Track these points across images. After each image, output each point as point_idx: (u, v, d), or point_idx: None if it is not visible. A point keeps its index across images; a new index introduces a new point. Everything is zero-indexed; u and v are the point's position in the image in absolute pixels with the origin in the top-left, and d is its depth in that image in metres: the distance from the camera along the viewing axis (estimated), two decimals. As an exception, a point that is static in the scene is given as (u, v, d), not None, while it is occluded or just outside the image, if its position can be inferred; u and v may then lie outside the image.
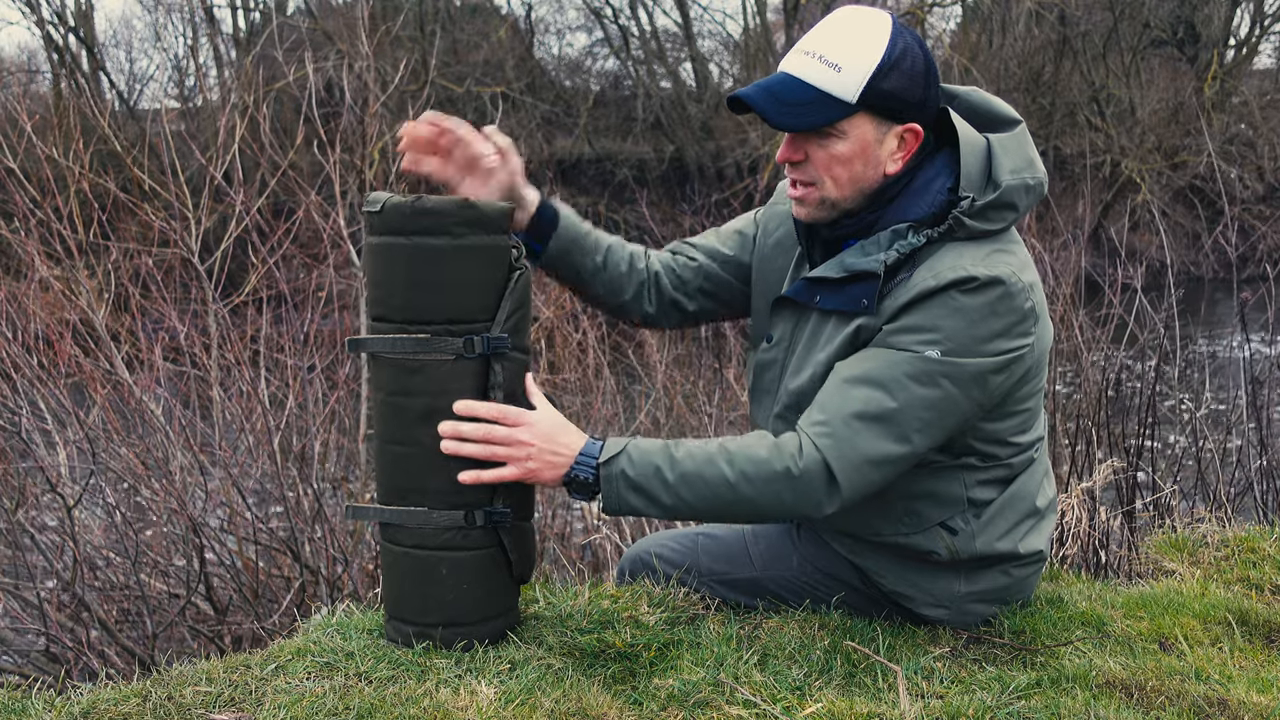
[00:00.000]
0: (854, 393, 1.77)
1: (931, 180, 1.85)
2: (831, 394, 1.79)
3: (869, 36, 1.77)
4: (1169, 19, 19.93)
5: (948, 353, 1.75)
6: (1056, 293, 5.07)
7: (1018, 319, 1.78)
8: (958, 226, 1.81)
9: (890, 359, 1.77)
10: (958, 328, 1.75)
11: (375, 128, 5.44)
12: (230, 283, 4.98)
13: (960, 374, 1.75)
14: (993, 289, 1.75)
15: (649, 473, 1.78)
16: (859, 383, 1.77)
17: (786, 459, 1.76)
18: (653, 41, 20.97)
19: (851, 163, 1.82)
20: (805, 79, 1.78)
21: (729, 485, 1.76)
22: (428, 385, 1.80)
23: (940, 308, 1.75)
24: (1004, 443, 1.91)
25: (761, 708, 1.70)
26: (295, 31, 14.85)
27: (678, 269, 2.15)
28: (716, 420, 5.41)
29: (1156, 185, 17.35)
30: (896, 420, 1.75)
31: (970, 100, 1.94)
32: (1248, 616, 2.15)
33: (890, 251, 1.81)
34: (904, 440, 1.77)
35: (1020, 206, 1.85)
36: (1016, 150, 1.86)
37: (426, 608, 1.89)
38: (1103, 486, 3.17)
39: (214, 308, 4.54)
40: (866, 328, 1.83)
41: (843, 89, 1.76)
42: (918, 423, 1.76)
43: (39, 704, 1.73)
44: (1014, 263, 1.81)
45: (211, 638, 3.73)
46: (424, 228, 1.77)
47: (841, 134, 1.80)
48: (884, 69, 1.76)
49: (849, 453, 1.75)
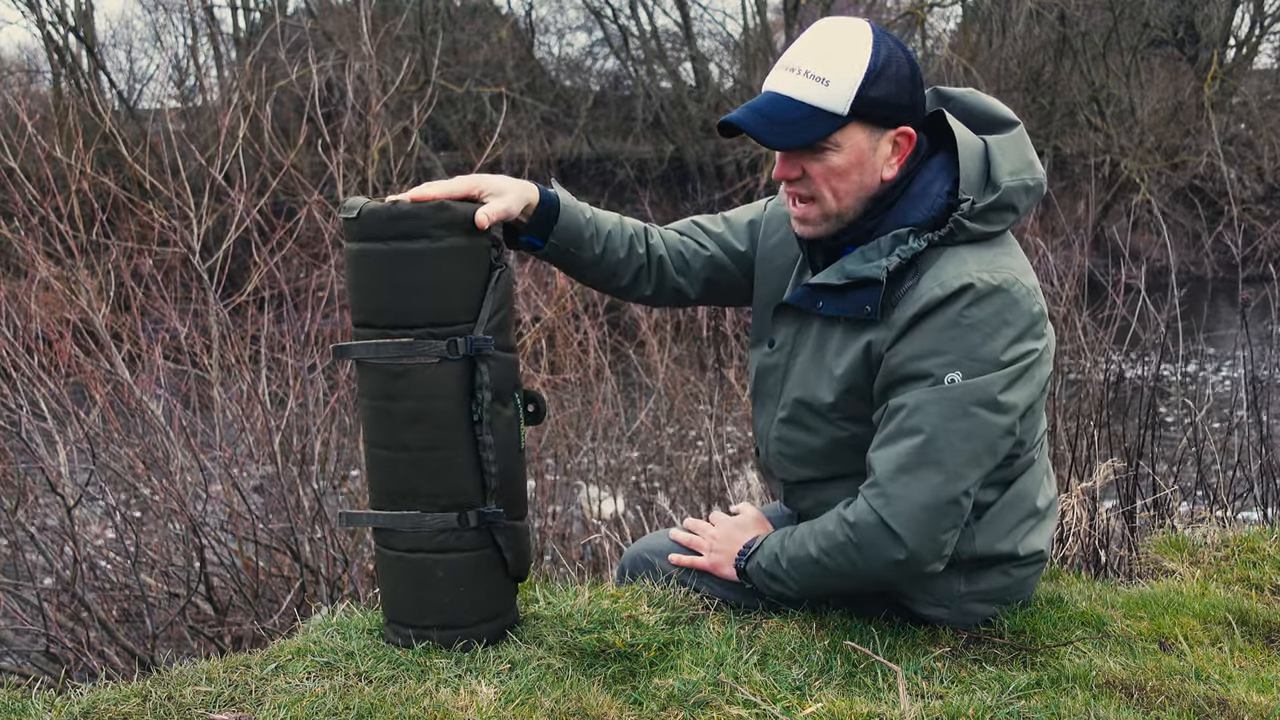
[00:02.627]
0: (895, 448, 1.78)
1: (930, 184, 1.85)
2: (877, 456, 1.81)
3: (852, 47, 1.77)
4: (1169, 19, 19.92)
5: (969, 374, 1.74)
6: (1059, 293, 5.07)
7: (1030, 322, 1.78)
8: (958, 230, 1.80)
9: (918, 400, 1.76)
10: (973, 344, 1.75)
11: (377, 128, 5.44)
12: (231, 282, 4.98)
13: (987, 396, 1.75)
14: (999, 297, 1.75)
15: (771, 560, 1.95)
16: (897, 435, 1.78)
17: (846, 527, 1.83)
18: (653, 41, 20.96)
19: (849, 174, 1.82)
20: (794, 96, 1.78)
21: (816, 562, 1.87)
22: (413, 389, 1.80)
23: (951, 327, 1.75)
24: None
25: (761, 708, 1.70)
26: (296, 31, 14.85)
27: (686, 254, 2.13)
28: (717, 420, 5.41)
29: (1156, 185, 17.34)
30: (940, 460, 1.75)
31: (967, 102, 1.93)
32: (1248, 616, 2.15)
33: (892, 257, 1.80)
34: (956, 478, 1.77)
35: (1020, 208, 1.85)
36: (1015, 152, 1.85)
37: (424, 610, 1.88)
38: (1103, 486, 3.17)
39: (215, 307, 4.53)
40: (877, 342, 1.82)
41: (833, 102, 1.76)
42: (963, 457, 1.76)
43: (39, 704, 1.73)
44: (1016, 267, 1.81)
45: (211, 638, 3.73)
46: (402, 232, 1.77)
47: (836, 146, 1.80)
48: (871, 77, 1.76)
49: (901, 506, 1.77)
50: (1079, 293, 5.24)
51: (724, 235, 2.14)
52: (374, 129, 5.44)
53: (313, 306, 4.83)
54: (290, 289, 4.86)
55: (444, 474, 1.83)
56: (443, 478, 1.83)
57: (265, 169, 5.23)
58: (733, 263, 2.13)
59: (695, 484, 5.21)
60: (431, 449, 1.83)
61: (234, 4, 19.07)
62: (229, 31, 19.16)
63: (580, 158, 19.84)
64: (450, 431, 1.82)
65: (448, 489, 1.84)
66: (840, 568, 1.84)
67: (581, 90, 21.26)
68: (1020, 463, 1.94)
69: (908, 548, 1.77)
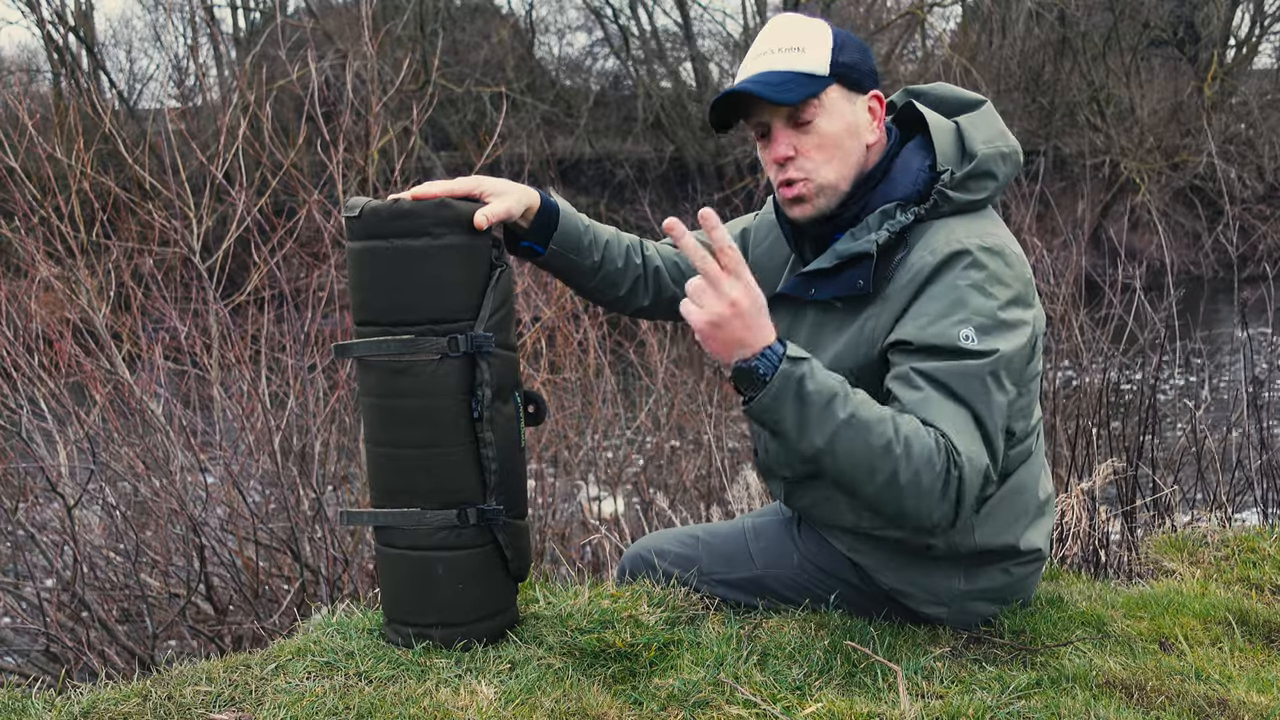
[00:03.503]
0: (949, 408, 1.70)
1: (910, 161, 1.91)
2: (931, 409, 1.70)
3: (811, 24, 1.88)
4: (1169, 19, 19.93)
5: (980, 329, 1.73)
6: (1056, 293, 5.07)
7: (1022, 287, 1.81)
8: (943, 201, 1.85)
9: (948, 371, 1.72)
10: (976, 302, 1.75)
11: (377, 127, 5.44)
12: (231, 282, 4.98)
13: (1012, 361, 1.74)
14: (992, 258, 1.78)
15: (825, 396, 1.64)
16: (940, 403, 1.71)
17: (948, 461, 1.66)
18: (653, 41, 20.97)
19: (840, 140, 1.87)
20: (778, 68, 1.85)
21: (889, 455, 1.63)
22: (414, 386, 1.81)
23: (952, 287, 1.76)
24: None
25: (761, 708, 1.70)
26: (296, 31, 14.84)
27: (681, 265, 2.17)
28: (717, 420, 5.41)
29: (1156, 185, 17.34)
30: (989, 433, 1.72)
31: (937, 93, 2.02)
32: (1248, 616, 2.15)
33: (881, 232, 1.84)
34: (995, 454, 1.73)
35: (999, 174, 1.90)
36: (985, 124, 1.93)
37: (424, 609, 1.89)
38: (1103, 486, 3.17)
39: (215, 307, 4.53)
40: (874, 319, 1.83)
41: (814, 64, 1.84)
42: (995, 427, 1.73)
43: (39, 704, 1.73)
44: (1003, 235, 1.86)
45: (211, 637, 3.73)
46: (403, 230, 1.78)
47: (824, 110, 1.85)
48: (839, 44, 1.86)
49: (969, 472, 1.68)
50: (1077, 292, 5.24)
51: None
52: (374, 129, 5.44)
53: (313, 306, 4.83)
54: (290, 289, 4.85)
55: (444, 471, 1.84)
56: (443, 475, 1.84)
57: (265, 169, 5.23)
58: None
59: (695, 484, 5.21)
60: (432, 446, 1.83)
61: (234, 4, 19.10)
62: (229, 31, 19.18)
63: (580, 158, 19.85)
64: (450, 428, 1.83)
65: (448, 486, 1.84)
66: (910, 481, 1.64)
67: (581, 90, 21.27)
68: (1018, 452, 1.94)
69: (964, 508, 1.69)
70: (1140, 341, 4.65)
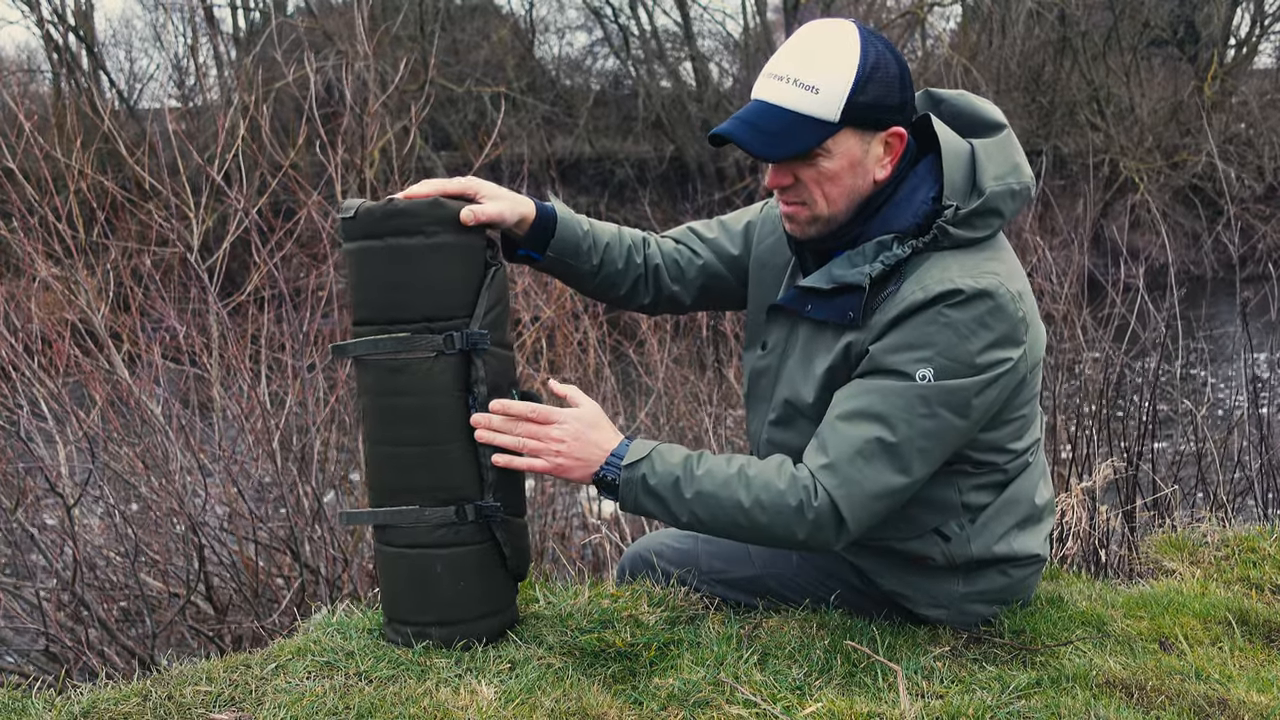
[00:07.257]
0: (855, 430, 1.76)
1: (915, 189, 1.84)
2: (833, 430, 1.78)
3: (840, 52, 1.74)
4: (1169, 19, 19.92)
5: (940, 372, 1.73)
6: (1058, 293, 5.07)
7: (1009, 328, 1.76)
8: (942, 236, 1.79)
9: (886, 390, 1.75)
10: (948, 343, 1.73)
11: (376, 128, 5.43)
12: (230, 282, 4.98)
13: (956, 399, 1.75)
14: (981, 302, 1.74)
15: (668, 483, 1.80)
16: (859, 418, 1.76)
17: (801, 494, 1.76)
18: (653, 41, 20.95)
19: (841, 178, 1.81)
20: (783, 105, 1.76)
21: (743, 510, 1.78)
22: (411, 384, 1.82)
23: (929, 324, 1.74)
24: (999, 449, 1.90)
25: (761, 707, 1.70)
26: (295, 31, 14.84)
27: (681, 262, 2.14)
28: (716, 420, 5.41)
29: (1155, 185, 17.33)
30: (898, 453, 1.75)
31: (957, 105, 1.92)
32: (1248, 616, 2.15)
33: (875, 264, 1.80)
34: (905, 471, 1.77)
35: (1005, 212, 1.84)
36: (1001, 156, 1.84)
37: (424, 607, 1.89)
38: (1103, 486, 3.17)
39: (214, 307, 4.53)
40: (856, 343, 1.82)
41: (823, 109, 1.74)
42: (918, 452, 1.76)
43: (39, 704, 1.73)
44: (1001, 271, 1.79)
45: (211, 637, 3.73)
46: (397, 229, 1.79)
47: (828, 153, 1.78)
48: (860, 83, 1.74)
49: (855, 492, 1.75)
50: (1079, 291, 5.24)
51: (718, 240, 2.14)
52: (371, 129, 5.44)
53: (312, 306, 4.83)
54: (290, 289, 4.85)
55: (441, 468, 1.84)
56: (440, 472, 1.85)
57: (264, 169, 5.23)
58: (726, 269, 2.13)
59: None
60: (429, 443, 1.84)
61: (234, 4, 19.08)
62: (229, 31, 19.17)
63: (580, 158, 19.83)
64: (447, 426, 1.84)
65: (446, 483, 1.85)
66: (771, 525, 1.78)
67: (581, 90, 21.25)
68: (1014, 466, 1.94)
69: (848, 532, 1.78)
70: (1142, 341, 4.65)
